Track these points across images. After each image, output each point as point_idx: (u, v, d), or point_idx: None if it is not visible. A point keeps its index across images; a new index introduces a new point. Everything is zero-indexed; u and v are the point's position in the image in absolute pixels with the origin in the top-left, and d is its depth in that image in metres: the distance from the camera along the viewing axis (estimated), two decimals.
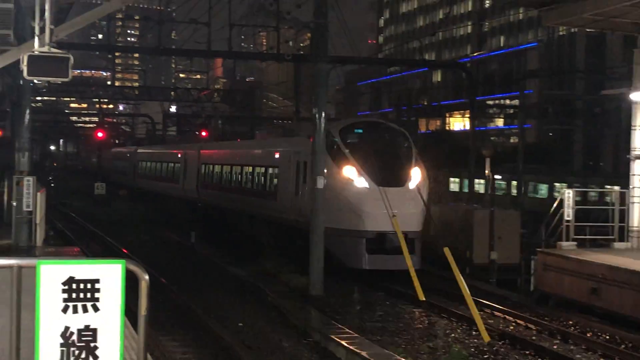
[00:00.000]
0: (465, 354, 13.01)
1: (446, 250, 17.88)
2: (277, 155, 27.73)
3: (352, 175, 23.45)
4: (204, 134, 57.63)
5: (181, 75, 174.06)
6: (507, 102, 74.08)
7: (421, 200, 23.64)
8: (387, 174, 23.53)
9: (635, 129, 23.21)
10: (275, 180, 28.17)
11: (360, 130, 25.64)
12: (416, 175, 24.03)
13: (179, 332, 17.33)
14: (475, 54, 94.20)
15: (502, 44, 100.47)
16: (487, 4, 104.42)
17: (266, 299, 20.96)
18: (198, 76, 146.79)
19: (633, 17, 20.72)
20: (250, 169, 31.84)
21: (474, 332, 16.53)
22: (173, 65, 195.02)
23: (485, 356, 15.25)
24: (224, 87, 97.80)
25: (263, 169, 30.25)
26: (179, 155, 43.69)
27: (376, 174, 23.29)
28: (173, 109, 77.17)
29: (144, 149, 58.82)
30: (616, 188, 25.36)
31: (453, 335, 14.17)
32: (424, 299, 16.12)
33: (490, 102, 73.06)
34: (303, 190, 24.94)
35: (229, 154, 36.34)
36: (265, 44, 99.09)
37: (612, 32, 23.85)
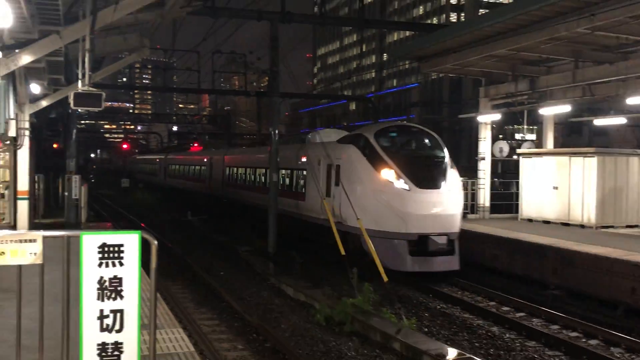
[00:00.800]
0: (371, 289, 13.08)
1: (359, 221, 17.65)
2: (304, 159, 20.95)
3: (392, 178, 16.64)
4: (195, 145, 56.73)
5: (180, 105, 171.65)
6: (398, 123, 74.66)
7: (460, 201, 17.35)
8: (425, 176, 16.84)
9: (480, 140, 23.68)
10: (302, 182, 21.30)
11: (394, 134, 18.45)
12: (452, 177, 17.22)
13: (179, 279, 17.20)
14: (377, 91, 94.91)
15: (395, 84, 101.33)
16: (385, 58, 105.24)
17: (239, 256, 20.86)
18: (192, 106, 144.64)
19: (479, 66, 21.06)
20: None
21: (377, 276, 16.62)
22: (174, 99, 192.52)
23: (385, 290, 15.34)
24: (209, 113, 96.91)
25: (289, 172, 22.84)
26: (205, 160, 36.82)
27: (415, 176, 16.62)
28: (175, 128, 76.05)
29: (173, 155, 51.34)
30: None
31: (364, 278, 14.29)
32: (344, 253, 15.98)
33: None
34: (335, 193, 18.27)
35: (253, 158, 28.84)
36: (237, 84, 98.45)
37: (466, 76, 24.12)
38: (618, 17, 13.78)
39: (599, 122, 25.26)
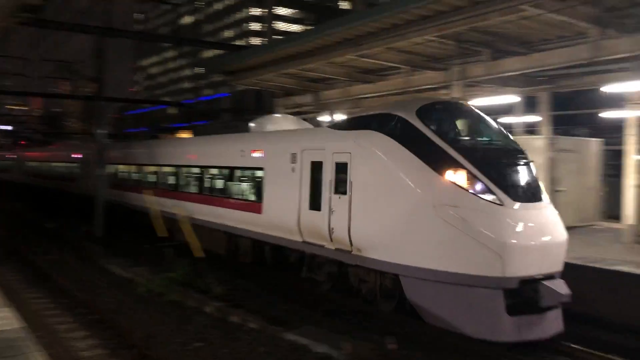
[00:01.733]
0: (187, 264, 12.75)
1: (180, 213, 16.65)
2: (256, 155, 12.60)
3: (465, 183, 8.13)
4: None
5: (9, 107, 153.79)
6: None
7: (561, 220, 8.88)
8: (519, 182, 8.52)
9: None
10: (252, 187, 12.79)
11: (444, 114, 9.28)
12: (542, 183, 9.18)
13: (10, 264, 15.42)
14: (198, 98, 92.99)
15: (211, 93, 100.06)
16: (198, 70, 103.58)
17: (69, 240, 19.19)
18: (23, 107, 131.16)
19: (275, 82, 21.33)
20: (187, 170, 16.07)
21: (190, 253, 16.10)
22: (6, 102, 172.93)
23: (200, 263, 14.77)
24: (41, 114, 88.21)
25: (227, 172, 13.84)
26: (79, 157, 26.38)
27: (505, 182, 8.29)
28: (5, 127, 67.73)
29: (32, 151, 39.19)
30: None
31: (179, 255, 13.79)
32: (162, 235, 15.00)
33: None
34: (336, 205, 9.69)
35: (147, 155, 19.16)
36: (68, 88, 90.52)
37: (266, 88, 24.33)
38: (377, 47, 14.72)
39: None
